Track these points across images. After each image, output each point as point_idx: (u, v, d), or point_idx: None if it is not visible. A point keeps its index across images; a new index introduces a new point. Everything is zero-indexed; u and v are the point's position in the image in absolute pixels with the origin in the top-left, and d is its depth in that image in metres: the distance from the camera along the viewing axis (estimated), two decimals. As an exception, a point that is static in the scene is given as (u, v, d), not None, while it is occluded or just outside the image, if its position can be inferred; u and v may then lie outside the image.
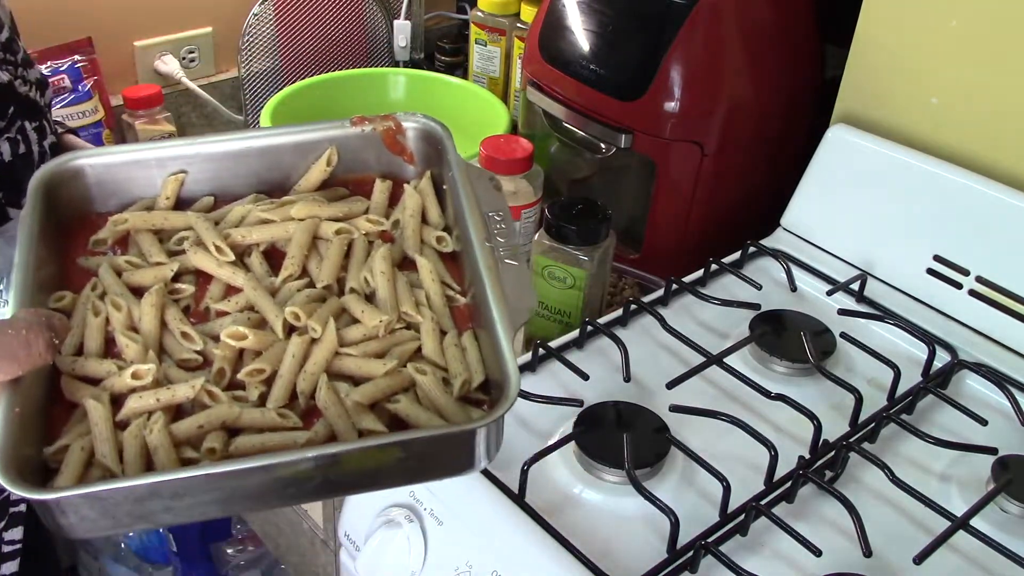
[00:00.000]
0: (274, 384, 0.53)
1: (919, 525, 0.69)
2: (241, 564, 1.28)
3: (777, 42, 1.05)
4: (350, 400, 0.51)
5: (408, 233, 0.61)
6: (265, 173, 0.62)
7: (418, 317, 0.56)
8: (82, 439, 0.50)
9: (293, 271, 0.58)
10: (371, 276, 0.57)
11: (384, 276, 0.57)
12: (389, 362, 0.53)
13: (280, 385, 0.53)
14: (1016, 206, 0.84)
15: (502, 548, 0.65)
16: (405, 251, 0.60)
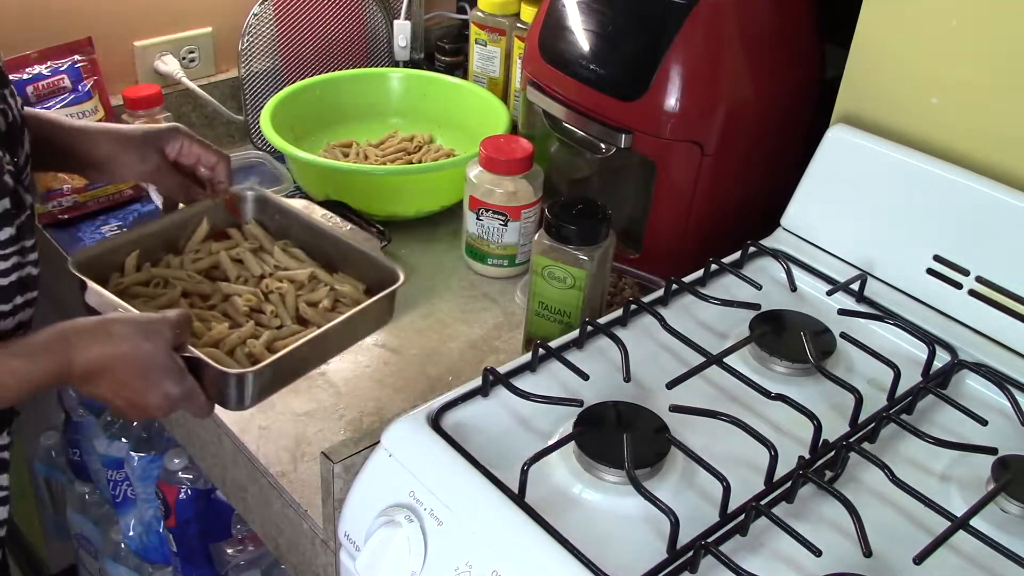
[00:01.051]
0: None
1: (919, 525, 0.69)
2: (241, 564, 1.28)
3: (777, 42, 1.05)
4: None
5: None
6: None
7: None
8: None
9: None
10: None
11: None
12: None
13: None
14: (1016, 206, 0.84)
15: (502, 548, 0.65)
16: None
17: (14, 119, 0.81)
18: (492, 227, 1.14)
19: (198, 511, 1.26)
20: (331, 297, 0.89)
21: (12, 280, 0.83)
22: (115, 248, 0.91)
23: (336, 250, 0.90)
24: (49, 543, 1.75)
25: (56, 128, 0.93)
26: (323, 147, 1.34)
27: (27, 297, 0.86)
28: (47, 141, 0.91)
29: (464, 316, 1.10)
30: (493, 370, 0.78)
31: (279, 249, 0.91)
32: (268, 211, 0.93)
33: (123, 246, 0.91)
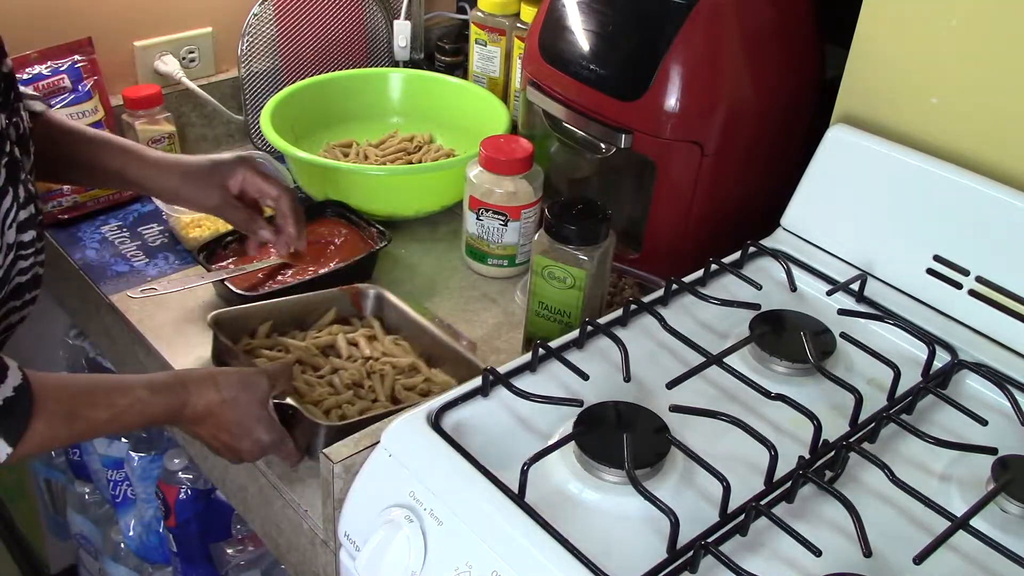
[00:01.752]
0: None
1: (919, 525, 0.69)
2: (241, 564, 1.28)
3: (777, 42, 1.05)
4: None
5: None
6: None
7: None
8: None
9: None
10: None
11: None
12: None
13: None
14: (1016, 206, 0.84)
15: (502, 548, 0.65)
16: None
17: (24, 130, 0.84)
18: (492, 227, 1.14)
19: (198, 511, 1.26)
20: (426, 384, 0.97)
21: (28, 278, 0.87)
22: (251, 314, 1.01)
23: (436, 347, 1.00)
24: (49, 543, 1.75)
25: (115, 151, 0.95)
26: (323, 147, 1.34)
27: (34, 293, 0.90)
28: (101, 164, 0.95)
29: (464, 316, 1.10)
30: (493, 370, 0.78)
31: (389, 340, 1.02)
32: (385, 308, 1.04)
33: (259, 313, 1.01)
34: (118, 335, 1.13)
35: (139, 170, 0.95)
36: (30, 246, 0.84)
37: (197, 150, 1.42)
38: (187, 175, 0.95)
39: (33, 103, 0.95)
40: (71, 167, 0.97)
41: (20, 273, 0.85)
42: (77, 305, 1.23)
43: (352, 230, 1.19)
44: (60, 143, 0.95)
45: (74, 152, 0.95)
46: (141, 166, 0.95)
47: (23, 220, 0.81)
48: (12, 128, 0.81)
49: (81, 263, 1.17)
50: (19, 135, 0.82)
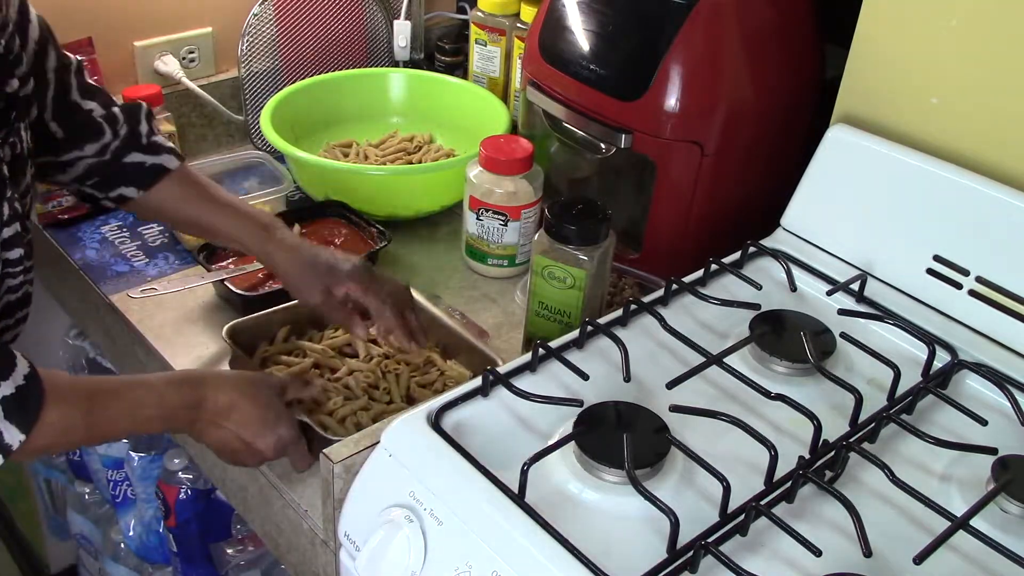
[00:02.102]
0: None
1: (919, 525, 0.69)
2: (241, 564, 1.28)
3: (777, 42, 1.05)
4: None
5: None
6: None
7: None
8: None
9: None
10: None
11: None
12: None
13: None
14: (1016, 206, 0.84)
15: (502, 548, 0.65)
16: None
17: (21, 150, 0.84)
18: (492, 227, 1.14)
19: (198, 511, 1.26)
20: (441, 380, 0.98)
21: (18, 296, 0.87)
22: (267, 320, 1.01)
23: (450, 337, 1.01)
24: (49, 543, 1.75)
25: (243, 222, 0.98)
26: (323, 147, 1.34)
27: (25, 311, 0.91)
28: (225, 232, 0.98)
29: (465, 315, 1.10)
30: (493, 370, 0.78)
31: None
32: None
33: (275, 319, 1.02)
34: (118, 335, 1.13)
35: (261, 246, 0.97)
36: (17, 264, 0.83)
37: (197, 150, 1.42)
38: (302, 266, 0.95)
39: (169, 159, 0.97)
40: (193, 225, 1.02)
41: (9, 291, 0.85)
42: (77, 305, 1.23)
43: (352, 230, 1.19)
44: (188, 202, 0.98)
45: (200, 214, 0.98)
46: (263, 242, 0.97)
47: (8, 238, 0.80)
48: (8, 148, 0.81)
49: (81, 263, 1.17)
50: (15, 155, 0.83)
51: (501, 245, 1.15)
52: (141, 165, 0.96)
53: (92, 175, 0.95)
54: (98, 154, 0.94)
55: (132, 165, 0.95)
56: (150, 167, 0.96)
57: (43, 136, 0.91)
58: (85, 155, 0.94)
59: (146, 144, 0.96)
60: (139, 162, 0.96)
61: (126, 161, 0.95)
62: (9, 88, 0.81)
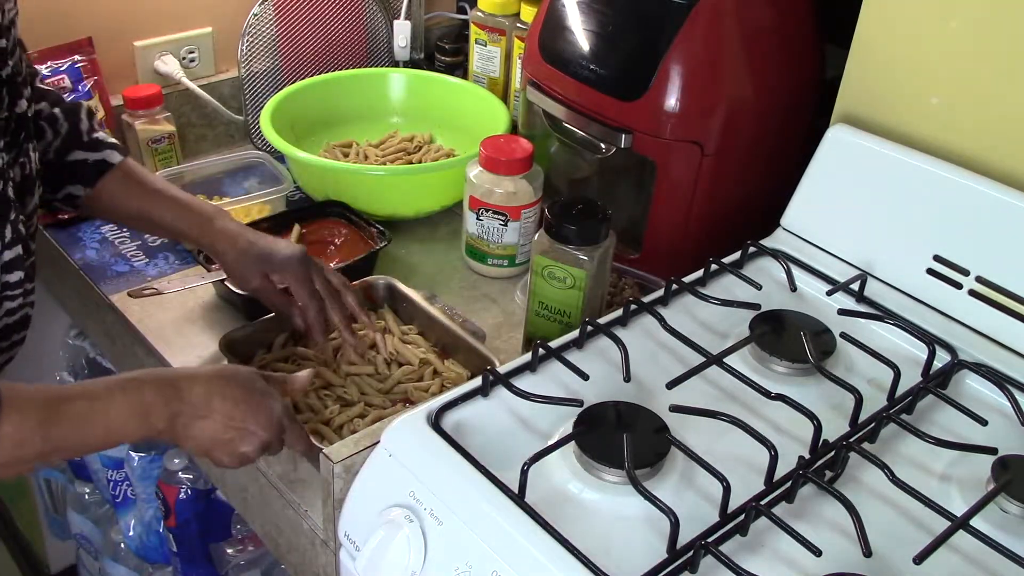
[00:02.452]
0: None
1: (919, 525, 0.69)
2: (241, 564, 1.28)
3: (777, 42, 1.05)
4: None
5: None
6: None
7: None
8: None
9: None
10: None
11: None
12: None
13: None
14: (1016, 206, 0.84)
15: (502, 548, 0.65)
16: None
17: (30, 171, 0.84)
18: (492, 227, 1.14)
19: (198, 511, 1.26)
20: (438, 382, 0.97)
21: (16, 319, 0.86)
22: (264, 328, 1.01)
23: (448, 337, 1.01)
24: (49, 543, 1.75)
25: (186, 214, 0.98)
26: (323, 147, 1.34)
27: (22, 334, 0.90)
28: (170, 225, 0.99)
29: (464, 316, 1.10)
30: (493, 370, 0.78)
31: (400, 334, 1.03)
32: (397, 298, 1.05)
33: (272, 326, 1.01)
34: (118, 335, 1.13)
35: (202, 235, 0.98)
36: (16, 287, 0.82)
37: (197, 150, 1.42)
38: (240, 253, 0.97)
39: (112, 154, 0.97)
40: (139, 220, 1.01)
41: (8, 314, 0.83)
42: (77, 305, 1.23)
43: (352, 230, 1.19)
44: (134, 197, 0.98)
45: (148, 207, 0.98)
46: (206, 232, 0.98)
47: (8, 260, 0.80)
48: (18, 168, 0.81)
49: (81, 263, 1.17)
50: (24, 175, 0.83)
51: (501, 245, 1.15)
52: (84, 162, 0.95)
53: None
54: (42, 155, 0.93)
55: (76, 163, 0.95)
56: (93, 163, 0.96)
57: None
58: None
59: (87, 141, 0.96)
60: (82, 159, 0.95)
61: (69, 159, 0.95)
62: (19, 109, 0.81)
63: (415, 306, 1.04)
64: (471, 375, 0.97)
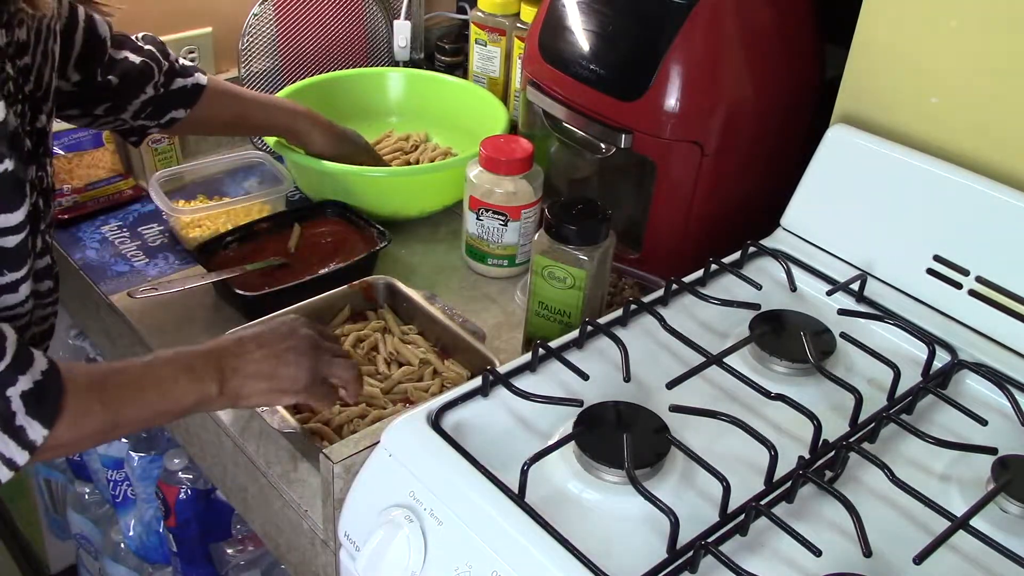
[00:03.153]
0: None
1: (919, 525, 0.69)
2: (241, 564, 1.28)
3: (777, 42, 1.05)
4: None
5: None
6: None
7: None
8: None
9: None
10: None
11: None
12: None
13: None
14: (1016, 206, 0.84)
15: (502, 548, 0.65)
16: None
17: (48, 184, 0.86)
18: (492, 227, 1.14)
19: (198, 511, 1.26)
20: (438, 383, 0.98)
21: (45, 327, 0.89)
22: None
23: (448, 337, 1.01)
24: (49, 543, 1.75)
25: (273, 111, 1.18)
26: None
27: (47, 344, 0.92)
28: (261, 123, 1.19)
29: (464, 316, 1.10)
30: (493, 370, 0.78)
31: (400, 334, 1.04)
32: (397, 298, 1.06)
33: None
34: (118, 335, 1.13)
35: (301, 126, 1.17)
36: (47, 295, 0.85)
37: (197, 150, 1.42)
38: (337, 140, 1.20)
39: (200, 76, 1.09)
40: (233, 126, 1.20)
41: (39, 322, 0.85)
42: (77, 305, 1.23)
43: (352, 230, 1.19)
44: (227, 106, 1.13)
45: (245, 111, 1.15)
46: (301, 122, 1.17)
47: (40, 269, 0.82)
48: (39, 180, 0.83)
49: (81, 263, 1.17)
50: (43, 187, 0.84)
51: (501, 245, 1.15)
52: (184, 88, 1.08)
53: (147, 107, 1.06)
54: (154, 89, 1.05)
55: (177, 91, 1.07)
56: (192, 87, 1.08)
57: (102, 87, 1.01)
58: (146, 95, 1.05)
59: (179, 69, 1.08)
60: (182, 86, 1.08)
61: (172, 88, 1.07)
62: (39, 124, 0.83)
63: (415, 306, 1.03)
64: (471, 375, 0.97)
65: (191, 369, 0.78)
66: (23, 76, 0.81)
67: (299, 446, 0.89)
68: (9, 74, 0.75)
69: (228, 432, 0.94)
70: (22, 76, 0.80)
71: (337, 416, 0.92)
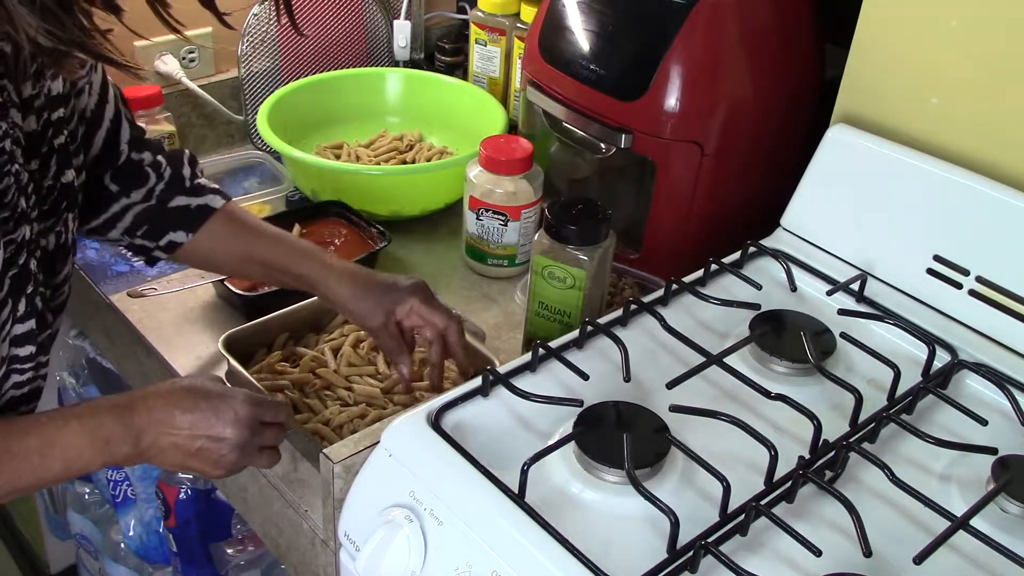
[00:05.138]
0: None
1: (919, 525, 0.69)
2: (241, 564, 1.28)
3: (777, 42, 1.05)
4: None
5: None
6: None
7: None
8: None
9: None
10: None
11: None
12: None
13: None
14: (1016, 206, 0.84)
15: (502, 548, 0.65)
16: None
17: (66, 239, 0.82)
18: (492, 227, 1.14)
19: (198, 511, 1.26)
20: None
21: (24, 392, 0.83)
22: (265, 328, 1.01)
23: None
24: (49, 543, 1.75)
25: (294, 252, 0.95)
26: (314, 149, 1.33)
27: (32, 405, 0.87)
28: (279, 264, 0.95)
29: (464, 316, 1.10)
30: (493, 370, 0.78)
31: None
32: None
33: (272, 325, 1.01)
34: (118, 335, 1.13)
35: (315, 273, 0.94)
36: (27, 360, 0.79)
37: (197, 150, 1.42)
38: (360, 289, 0.93)
39: (214, 198, 0.95)
40: (246, 264, 0.97)
41: (15, 387, 0.80)
42: (77, 305, 1.23)
43: (352, 230, 1.19)
44: (238, 241, 0.95)
45: (252, 252, 0.96)
46: (318, 269, 0.94)
47: (19, 335, 0.77)
48: (52, 236, 0.80)
49: (81, 263, 1.17)
50: (58, 244, 0.81)
51: (501, 245, 1.15)
52: (187, 208, 0.93)
53: (140, 224, 0.93)
54: (144, 199, 0.92)
55: (178, 209, 0.93)
56: (196, 208, 0.93)
57: (97, 194, 0.90)
58: (132, 202, 0.92)
59: (190, 187, 0.94)
60: (185, 204, 0.93)
61: (172, 206, 0.93)
62: (64, 179, 0.80)
63: None
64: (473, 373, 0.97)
65: (104, 437, 0.73)
66: (54, 128, 0.79)
67: (299, 446, 0.89)
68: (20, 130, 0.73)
69: (228, 432, 0.94)
70: (52, 128, 0.78)
71: (337, 416, 0.92)
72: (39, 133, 0.77)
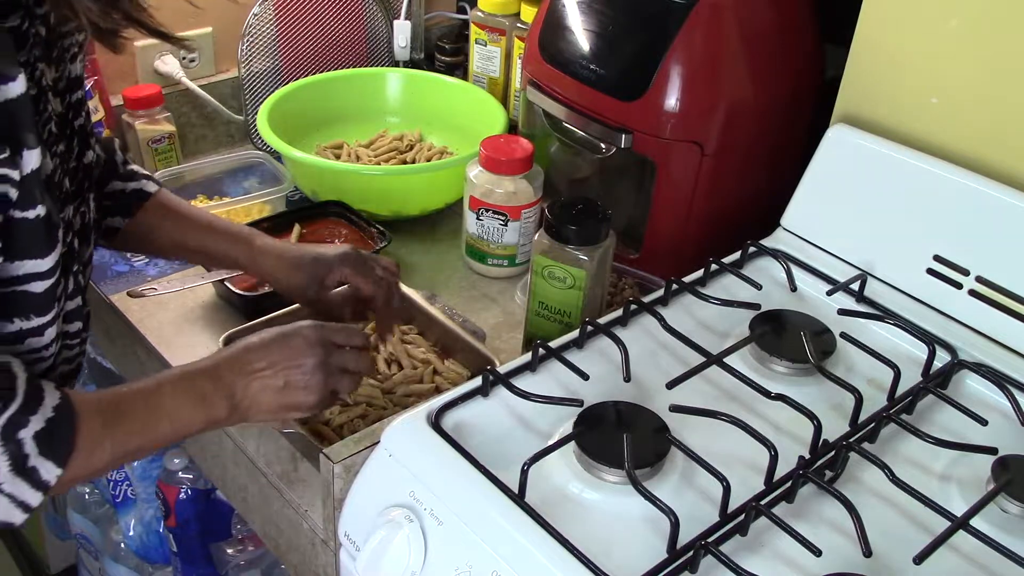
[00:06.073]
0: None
1: (919, 525, 0.69)
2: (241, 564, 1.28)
3: (777, 42, 1.05)
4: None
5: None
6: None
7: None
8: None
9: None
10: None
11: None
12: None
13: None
14: (1016, 206, 0.84)
15: (502, 548, 0.65)
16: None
17: (89, 220, 0.84)
18: (492, 227, 1.14)
19: (198, 511, 1.26)
20: (438, 383, 0.98)
21: (72, 367, 0.86)
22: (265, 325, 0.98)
23: (447, 337, 1.01)
24: (49, 543, 1.75)
25: (225, 237, 0.97)
26: (314, 149, 1.33)
27: (74, 382, 0.89)
28: (211, 250, 0.97)
29: (464, 316, 1.10)
30: (493, 370, 0.78)
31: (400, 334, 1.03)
32: (395, 299, 1.05)
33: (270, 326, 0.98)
34: (118, 335, 1.13)
35: (246, 254, 0.96)
36: (75, 336, 0.82)
37: (197, 150, 1.42)
38: (289, 265, 0.95)
39: (147, 183, 0.96)
40: (180, 249, 0.99)
41: (65, 362, 0.83)
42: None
43: (352, 230, 1.19)
44: (172, 225, 0.97)
45: (185, 236, 0.97)
46: (247, 251, 0.96)
47: (70, 311, 0.80)
48: (79, 217, 0.81)
49: (81, 263, 1.17)
50: (83, 224, 0.82)
51: (501, 245, 1.15)
52: (123, 191, 0.94)
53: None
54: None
55: (114, 193, 0.94)
56: (131, 192, 0.95)
57: None
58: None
59: (123, 172, 0.95)
60: (120, 188, 0.94)
61: (107, 190, 0.94)
62: (86, 159, 0.82)
63: (415, 306, 1.04)
64: (471, 375, 0.97)
65: (200, 394, 0.76)
66: (74, 110, 0.80)
67: (299, 446, 0.89)
68: (53, 112, 0.74)
69: (228, 432, 0.94)
70: (72, 110, 0.79)
71: (337, 416, 0.92)
72: (64, 115, 0.78)
